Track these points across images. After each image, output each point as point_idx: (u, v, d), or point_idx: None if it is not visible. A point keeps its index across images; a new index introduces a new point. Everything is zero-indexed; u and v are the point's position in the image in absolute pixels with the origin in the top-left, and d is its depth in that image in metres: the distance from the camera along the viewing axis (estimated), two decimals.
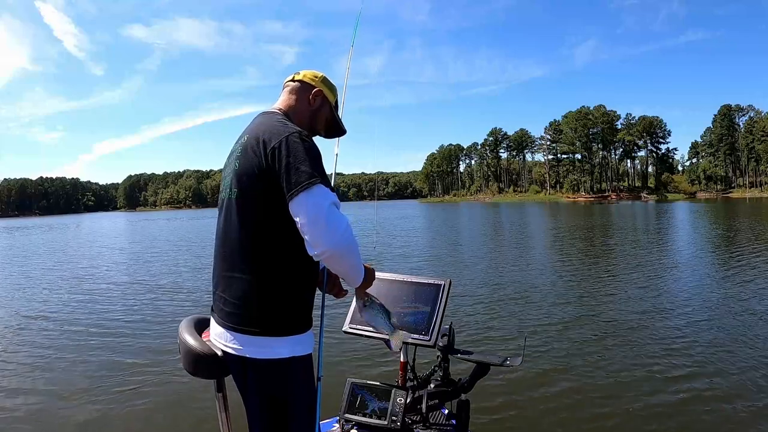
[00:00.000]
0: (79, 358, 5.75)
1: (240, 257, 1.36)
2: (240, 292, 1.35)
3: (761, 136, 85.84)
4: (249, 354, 1.33)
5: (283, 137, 1.33)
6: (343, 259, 1.34)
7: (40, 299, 9.76)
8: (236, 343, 1.35)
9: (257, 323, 1.33)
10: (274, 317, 1.34)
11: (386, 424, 1.81)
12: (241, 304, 1.35)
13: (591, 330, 6.35)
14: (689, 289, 8.71)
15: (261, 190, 1.34)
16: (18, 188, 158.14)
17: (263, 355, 1.32)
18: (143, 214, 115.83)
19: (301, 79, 1.58)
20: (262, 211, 1.35)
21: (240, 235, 1.37)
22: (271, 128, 1.38)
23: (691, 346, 5.50)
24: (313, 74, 1.61)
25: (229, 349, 1.37)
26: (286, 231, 1.33)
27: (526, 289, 9.12)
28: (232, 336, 1.35)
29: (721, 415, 3.87)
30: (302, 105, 1.57)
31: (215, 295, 1.44)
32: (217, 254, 1.45)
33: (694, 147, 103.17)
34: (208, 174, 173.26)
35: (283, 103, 1.57)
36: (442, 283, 1.98)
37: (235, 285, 1.36)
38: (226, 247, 1.41)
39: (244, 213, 1.36)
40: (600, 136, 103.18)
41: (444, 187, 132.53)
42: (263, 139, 1.35)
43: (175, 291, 9.97)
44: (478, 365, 1.94)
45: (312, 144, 1.38)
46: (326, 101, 1.61)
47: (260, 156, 1.33)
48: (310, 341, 1.42)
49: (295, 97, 1.57)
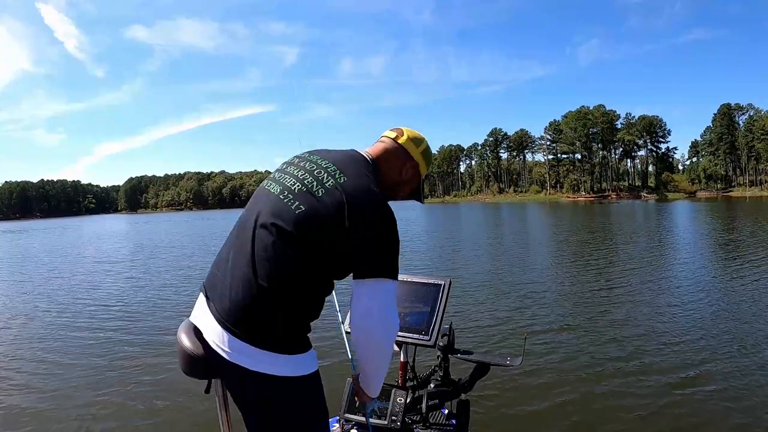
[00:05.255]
0: (80, 358, 5.76)
1: (266, 280, 1.25)
2: (257, 306, 1.25)
3: (761, 135, 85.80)
4: (256, 368, 1.24)
5: (378, 207, 1.29)
6: (371, 358, 1.34)
7: (48, 298, 9.77)
8: (244, 353, 1.25)
9: (272, 340, 1.26)
10: (288, 337, 1.29)
11: (386, 424, 1.81)
12: (257, 319, 1.26)
13: (591, 329, 6.35)
14: (690, 289, 8.70)
15: (323, 240, 1.26)
16: (19, 191, 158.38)
17: (273, 371, 1.25)
18: (144, 216, 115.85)
19: (403, 144, 1.49)
20: (314, 255, 1.26)
21: (275, 264, 1.25)
22: (363, 184, 1.31)
23: (693, 346, 5.51)
24: (416, 141, 1.51)
25: (224, 354, 1.27)
26: (325, 275, 1.31)
27: (526, 289, 9.12)
28: (242, 346, 1.25)
29: (723, 415, 3.87)
30: (393, 171, 1.48)
31: (219, 294, 1.33)
32: (238, 260, 1.31)
33: (694, 146, 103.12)
34: (208, 176, 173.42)
35: (376, 155, 1.46)
36: (442, 282, 1.98)
37: (253, 299, 1.26)
38: (254, 265, 1.27)
39: (291, 248, 1.25)
40: (600, 136, 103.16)
41: (444, 187, 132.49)
42: (353, 194, 1.28)
43: (177, 291, 10.00)
44: (478, 365, 1.94)
45: (395, 221, 1.32)
46: (418, 174, 1.53)
47: (342, 210, 1.25)
48: (315, 358, 1.38)
49: (390, 160, 1.47)
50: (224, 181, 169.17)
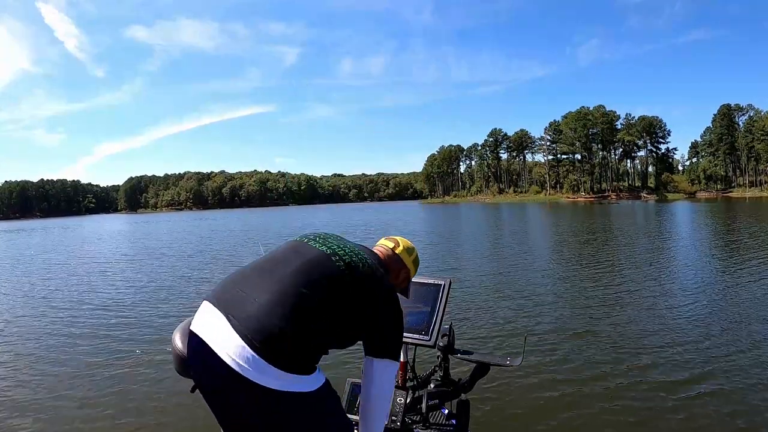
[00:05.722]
0: (79, 358, 5.77)
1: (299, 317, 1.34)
2: (284, 335, 1.31)
3: (761, 136, 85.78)
4: (274, 386, 1.28)
5: (396, 299, 1.53)
6: (379, 417, 1.56)
7: (49, 295, 9.77)
8: (263, 371, 1.28)
9: (289, 363, 1.30)
10: (301, 363, 1.34)
11: (386, 424, 1.81)
12: (283, 344, 1.31)
13: (591, 330, 6.35)
14: (690, 289, 8.70)
15: (351, 306, 1.44)
16: (19, 190, 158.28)
17: (289, 388, 1.30)
18: (144, 216, 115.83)
19: (399, 253, 1.71)
20: (339, 313, 1.42)
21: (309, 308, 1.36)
22: (381, 277, 1.52)
23: (693, 347, 5.50)
24: (409, 250, 1.74)
25: (239, 369, 1.27)
26: (343, 334, 1.46)
27: (526, 289, 9.12)
28: (265, 365, 1.28)
29: (722, 415, 3.87)
30: (391, 274, 1.67)
31: (245, 313, 1.34)
32: (275, 293, 1.37)
33: (694, 147, 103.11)
34: (208, 176, 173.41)
35: (382, 255, 1.68)
36: (442, 283, 1.98)
37: (281, 329, 1.31)
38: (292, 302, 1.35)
39: (326, 300, 1.40)
40: (600, 137, 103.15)
41: (444, 188, 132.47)
42: (380, 282, 1.50)
43: (177, 291, 9.99)
44: (478, 365, 1.93)
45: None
46: (408, 278, 1.76)
47: (376, 291, 1.48)
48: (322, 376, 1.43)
49: (388, 264, 1.67)
50: (224, 180, 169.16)
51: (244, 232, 31.86)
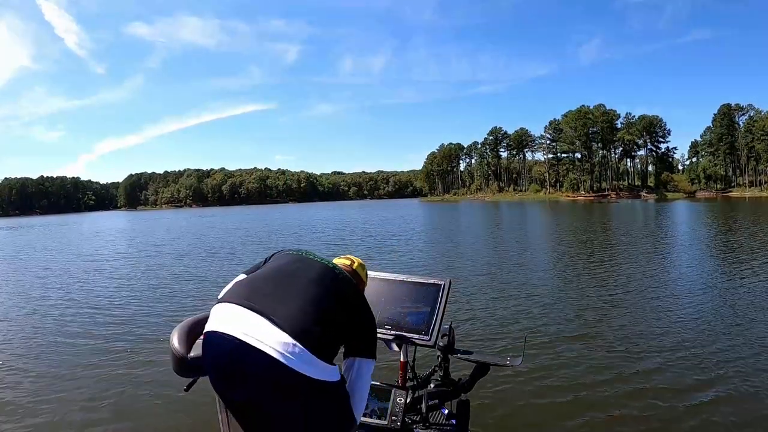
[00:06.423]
0: (79, 357, 5.77)
1: (322, 312, 1.56)
2: (313, 325, 1.52)
3: (761, 136, 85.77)
4: (312, 374, 1.45)
5: (368, 305, 1.72)
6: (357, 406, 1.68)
7: (49, 295, 9.76)
8: (301, 359, 1.44)
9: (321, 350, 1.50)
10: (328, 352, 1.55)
11: (386, 423, 1.81)
12: (318, 334, 1.51)
13: (592, 330, 6.35)
14: (693, 290, 8.71)
15: (347, 308, 1.63)
16: (19, 187, 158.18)
17: (321, 376, 1.47)
18: (144, 213, 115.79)
19: (356, 269, 1.89)
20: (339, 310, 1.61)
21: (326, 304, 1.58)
22: (356, 291, 1.73)
23: (694, 346, 5.50)
24: (361, 266, 1.91)
25: (283, 359, 1.42)
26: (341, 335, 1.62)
27: (526, 289, 9.12)
28: (308, 354, 1.45)
29: (736, 424, 3.85)
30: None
31: (282, 308, 1.52)
32: (301, 290, 1.60)
33: (694, 146, 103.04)
34: (208, 173, 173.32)
35: (346, 269, 1.85)
36: (442, 283, 1.98)
37: (307, 319, 1.51)
38: (316, 298, 1.58)
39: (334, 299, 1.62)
40: (600, 135, 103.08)
41: (444, 186, 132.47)
42: (358, 289, 1.73)
43: (176, 291, 9.99)
44: (478, 365, 1.93)
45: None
46: (362, 291, 1.92)
47: (358, 300, 1.69)
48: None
49: (354, 279, 1.85)
50: (224, 178, 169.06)
51: (244, 232, 31.88)
